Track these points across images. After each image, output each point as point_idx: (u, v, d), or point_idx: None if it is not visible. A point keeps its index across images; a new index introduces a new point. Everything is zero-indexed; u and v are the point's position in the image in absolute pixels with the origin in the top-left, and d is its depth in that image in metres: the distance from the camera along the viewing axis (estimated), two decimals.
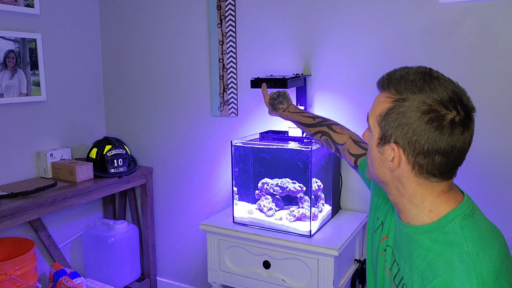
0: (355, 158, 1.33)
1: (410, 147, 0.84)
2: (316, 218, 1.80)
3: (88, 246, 2.45)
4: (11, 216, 1.84)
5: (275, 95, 1.66)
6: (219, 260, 1.88)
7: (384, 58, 1.85)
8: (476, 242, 0.82)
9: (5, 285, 1.90)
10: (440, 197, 0.88)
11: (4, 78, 2.12)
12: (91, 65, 2.58)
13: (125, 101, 2.60)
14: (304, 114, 1.57)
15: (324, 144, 1.50)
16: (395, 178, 0.90)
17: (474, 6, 1.66)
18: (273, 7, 2.06)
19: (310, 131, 1.53)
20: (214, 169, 2.36)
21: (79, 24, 2.49)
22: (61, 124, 2.43)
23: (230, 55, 2.20)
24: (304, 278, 1.71)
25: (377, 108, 0.90)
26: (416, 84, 0.84)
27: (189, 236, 2.51)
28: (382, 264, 1.04)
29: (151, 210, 2.56)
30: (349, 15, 1.90)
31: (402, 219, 0.94)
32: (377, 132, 0.91)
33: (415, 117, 0.82)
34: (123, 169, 2.38)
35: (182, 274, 2.58)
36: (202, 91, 2.33)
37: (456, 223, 0.84)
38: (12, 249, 2.07)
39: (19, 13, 2.16)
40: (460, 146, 0.83)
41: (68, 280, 2.16)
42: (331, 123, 1.49)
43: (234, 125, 2.26)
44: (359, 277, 1.90)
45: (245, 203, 1.98)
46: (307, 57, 2.02)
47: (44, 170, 2.28)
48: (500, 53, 1.64)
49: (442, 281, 0.80)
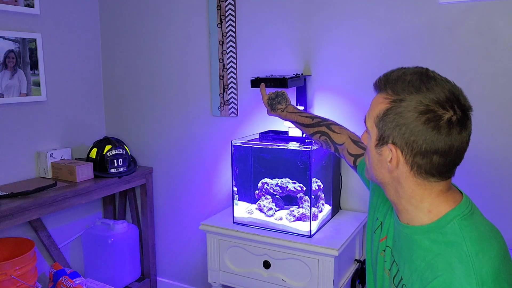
0: (354, 158, 1.32)
1: (408, 148, 0.84)
2: (316, 218, 1.80)
3: (88, 246, 2.45)
4: (11, 216, 1.85)
5: (274, 95, 1.65)
6: (219, 260, 1.88)
7: (384, 58, 1.85)
8: (475, 242, 0.82)
9: (5, 285, 1.90)
10: (439, 197, 0.88)
11: (4, 78, 2.12)
12: (91, 65, 2.58)
13: (125, 101, 2.60)
14: (302, 114, 1.57)
15: (323, 144, 1.50)
16: (394, 179, 0.90)
17: (474, 6, 1.66)
18: (273, 7, 2.06)
19: (309, 131, 1.53)
20: (214, 169, 2.36)
21: (79, 24, 2.49)
22: (61, 124, 2.43)
23: (230, 55, 2.20)
24: (304, 278, 1.71)
25: (374, 109, 0.90)
26: (413, 85, 0.84)
27: (189, 236, 2.51)
28: (382, 265, 1.04)
29: (151, 210, 2.56)
30: (349, 15, 1.90)
31: (401, 219, 0.94)
32: (374, 133, 0.91)
33: (413, 117, 0.82)
34: (123, 169, 2.38)
35: (182, 274, 2.58)
36: (202, 91, 2.33)
37: (455, 223, 0.84)
38: (12, 249, 2.07)
39: (19, 13, 2.16)
40: (458, 146, 0.83)
41: (68, 280, 2.16)
42: (330, 123, 1.49)
43: (234, 125, 2.26)
44: (359, 277, 1.90)
45: (245, 203, 1.98)
46: (307, 57, 2.02)
47: (44, 170, 2.28)
48: (500, 53, 1.64)
49: (442, 282, 0.80)
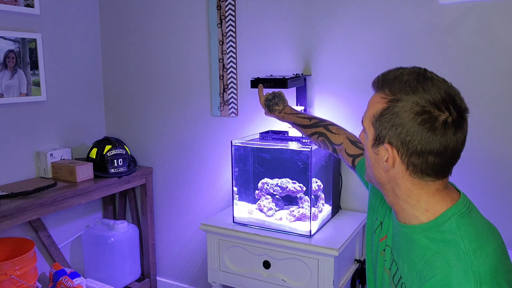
0: (352, 159, 1.32)
1: (403, 148, 0.85)
2: (316, 218, 1.80)
3: (88, 246, 2.45)
4: (11, 216, 1.85)
5: (270, 96, 1.63)
6: (219, 260, 1.88)
7: (384, 58, 1.85)
8: (473, 240, 0.82)
9: (5, 285, 1.90)
10: (436, 196, 0.88)
11: (4, 78, 2.12)
12: (91, 65, 2.58)
13: (125, 101, 2.60)
14: (300, 115, 1.56)
15: (321, 145, 1.49)
16: (390, 178, 0.90)
17: (474, 6, 1.66)
18: (273, 7, 2.07)
19: (306, 132, 1.53)
20: (214, 169, 2.36)
21: (79, 24, 2.49)
22: (61, 124, 2.43)
23: (230, 55, 2.20)
24: (304, 278, 1.71)
25: (371, 109, 0.91)
26: (410, 85, 0.85)
27: (189, 236, 2.51)
28: (382, 264, 1.04)
29: (151, 210, 2.56)
30: (349, 15, 1.90)
31: (399, 219, 0.94)
32: (371, 133, 0.91)
33: (408, 118, 0.83)
34: (123, 169, 2.38)
35: (182, 274, 2.58)
36: (202, 91, 2.33)
37: (453, 221, 0.85)
38: (12, 249, 2.07)
39: (19, 13, 2.16)
40: (453, 146, 0.84)
41: (68, 280, 2.16)
42: (328, 123, 1.49)
43: (234, 125, 2.26)
44: (359, 277, 1.90)
45: (245, 203, 1.98)
46: (307, 57, 2.02)
47: (44, 170, 2.28)
48: (500, 53, 1.64)
49: (440, 280, 0.80)
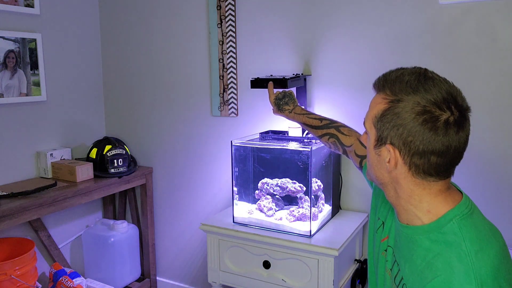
0: (360, 159, 1.32)
1: (405, 148, 0.85)
2: (316, 218, 1.80)
3: (88, 246, 2.45)
4: (11, 216, 1.84)
5: (281, 95, 1.62)
6: (219, 260, 1.88)
7: (384, 58, 1.85)
8: (475, 242, 0.82)
9: (5, 285, 1.90)
10: (438, 197, 0.88)
11: (4, 78, 2.12)
12: (91, 65, 2.58)
13: (125, 101, 2.60)
14: (310, 116, 1.55)
15: (331, 146, 1.48)
16: (393, 179, 0.90)
17: (474, 6, 1.66)
18: (273, 7, 2.06)
19: (317, 133, 1.51)
20: (214, 169, 2.36)
21: (79, 24, 2.49)
22: (61, 124, 2.43)
23: (230, 55, 2.20)
24: (304, 278, 1.71)
25: (372, 109, 0.90)
26: (411, 85, 0.84)
27: (189, 236, 2.51)
28: (383, 265, 1.04)
29: (151, 210, 2.56)
30: (349, 15, 1.90)
31: (401, 220, 0.94)
32: (373, 134, 0.91)
33: (410, 118, 0.83)
34: (123, 169, 2.38)
35: (182, 274, 2.58)
36: (202, 91, 2.33)
37: (455, 223, 0.85)
38: (12, 249, 2.07)
39: (19, 13, 2.16)
40: (456, 146, 0.84)
41: (68, 280, 2.16)
42: (339, 125, 1.47)
43: (234, 125, 2.26)
44: (359, 277, 1.90)
45: (245, 203, 1.98)
46: (307, 57, 2.02)
47: (44, 170, 2.28)
48: (500, 53, 1.64)
49: (441, 281, 0.80)
